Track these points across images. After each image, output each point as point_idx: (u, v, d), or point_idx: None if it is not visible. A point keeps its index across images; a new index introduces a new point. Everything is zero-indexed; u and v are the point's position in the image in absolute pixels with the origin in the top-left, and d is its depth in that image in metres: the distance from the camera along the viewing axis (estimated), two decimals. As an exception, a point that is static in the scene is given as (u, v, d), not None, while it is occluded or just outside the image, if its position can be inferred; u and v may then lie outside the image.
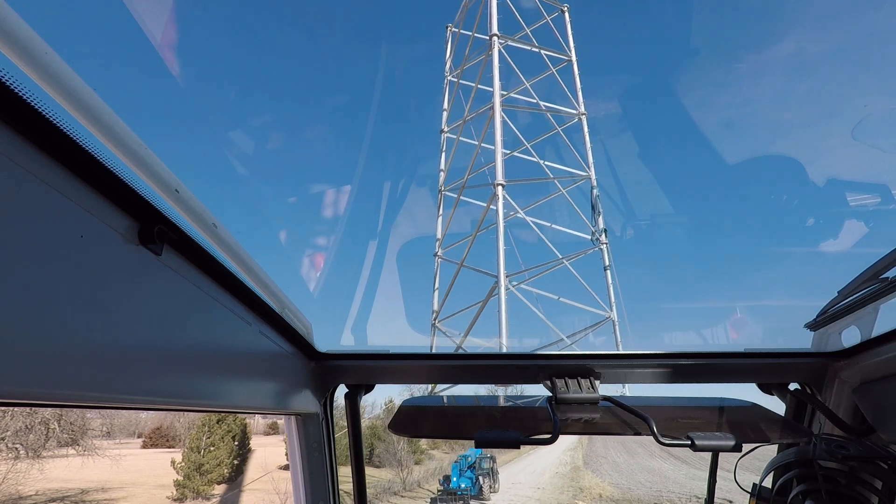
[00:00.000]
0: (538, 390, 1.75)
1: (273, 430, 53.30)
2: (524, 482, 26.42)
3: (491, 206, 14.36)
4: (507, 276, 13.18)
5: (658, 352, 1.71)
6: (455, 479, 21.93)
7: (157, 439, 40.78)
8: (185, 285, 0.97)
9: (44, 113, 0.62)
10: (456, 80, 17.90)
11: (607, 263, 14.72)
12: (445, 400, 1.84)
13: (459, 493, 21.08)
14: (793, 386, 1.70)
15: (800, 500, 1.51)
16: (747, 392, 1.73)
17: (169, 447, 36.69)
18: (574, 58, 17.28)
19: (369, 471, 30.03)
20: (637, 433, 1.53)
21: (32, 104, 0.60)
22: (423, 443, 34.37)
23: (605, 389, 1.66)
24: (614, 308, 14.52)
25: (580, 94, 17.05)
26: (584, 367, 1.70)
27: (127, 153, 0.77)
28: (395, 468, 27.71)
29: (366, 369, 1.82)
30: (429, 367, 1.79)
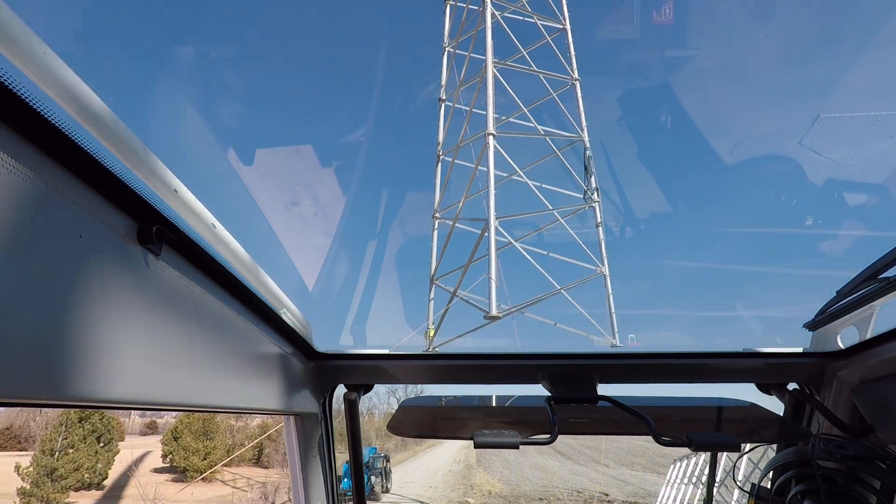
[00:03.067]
0: (537, 390, 1.72)
1: (151, 429, 47.76)
2: (417, 481, 26.49)
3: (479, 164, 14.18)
4: (496, 219, 13.05)
5: (657, 351, 1.71)
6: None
7: (4, 441, 34.41)
8: (183, 285, 0.97)
9: (42, 113, 0.61)
10: (453, 50, 17.65)
11: (599, 220, 14.88)
12: (444, 400, 1.81)
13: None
14: (791, 386, 1.72)
15: (798, 500, 1.51)
16: (746, 392, 1.74)
17: (20, 450, 31.26)
18: (568, 26, 17.40)
19: (256, 471, 28.38)
20: (636, 433, 1.53)
21: (31, 104, 0.59)
22: (316, 442, 33.25)
23: (604, 389, 1.65)
24: (605, 263, 14.69)
25: (574, 60, 17.14)
26: (583, 366, 1.69)
27: (126, 153, 0.76)
28: (283, 468, 26.27)
29: (365, 369, 1.81)
30: (428, 367, 1.77)
